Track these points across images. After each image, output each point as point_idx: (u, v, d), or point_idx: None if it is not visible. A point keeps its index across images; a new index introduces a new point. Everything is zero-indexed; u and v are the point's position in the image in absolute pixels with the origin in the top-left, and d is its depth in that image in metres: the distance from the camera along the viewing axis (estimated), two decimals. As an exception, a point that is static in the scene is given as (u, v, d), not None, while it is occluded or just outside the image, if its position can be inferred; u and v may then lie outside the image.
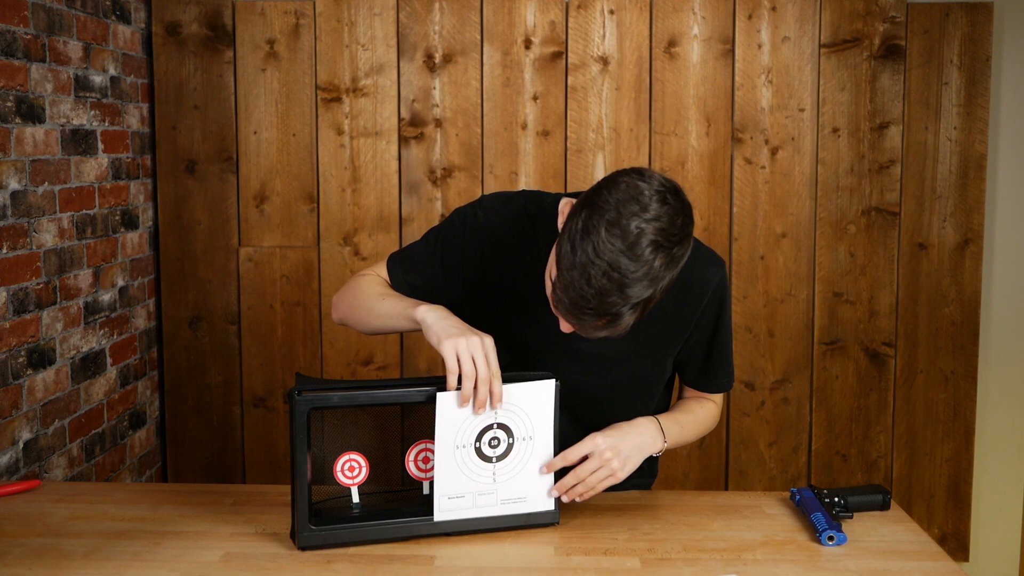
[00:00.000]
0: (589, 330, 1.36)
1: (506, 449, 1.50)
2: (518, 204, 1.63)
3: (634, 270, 1.29)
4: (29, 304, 2.35)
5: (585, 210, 1.32)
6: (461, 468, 1.48)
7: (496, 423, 1.48)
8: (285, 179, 3.04)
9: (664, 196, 1.32)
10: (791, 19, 2.98)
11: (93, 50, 2.65)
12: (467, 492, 1.50)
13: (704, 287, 1.60)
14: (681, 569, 1.42)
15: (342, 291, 1.69)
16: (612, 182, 1.34)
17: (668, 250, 1.31)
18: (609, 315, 1.32)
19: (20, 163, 2.31)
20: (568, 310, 1.34)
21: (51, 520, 1.58)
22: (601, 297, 1.30)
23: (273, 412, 3.11)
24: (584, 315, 1.32)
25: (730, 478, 3.12)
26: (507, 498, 1.52)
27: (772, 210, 3.03)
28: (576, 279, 1.30)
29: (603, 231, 1.29)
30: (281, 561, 1.43)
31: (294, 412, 1.44)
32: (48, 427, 2.44)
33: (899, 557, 1.47)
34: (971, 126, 3.01)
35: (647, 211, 1.30)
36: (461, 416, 1.46)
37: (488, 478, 1.50)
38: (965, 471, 3.12)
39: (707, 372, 1.70)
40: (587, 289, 1.29)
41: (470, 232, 1.62)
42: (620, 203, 1.30)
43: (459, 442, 1.47)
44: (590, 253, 1.29)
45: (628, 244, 1.28)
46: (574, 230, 1.31)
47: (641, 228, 1.29)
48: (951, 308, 3.07)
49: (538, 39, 2.99)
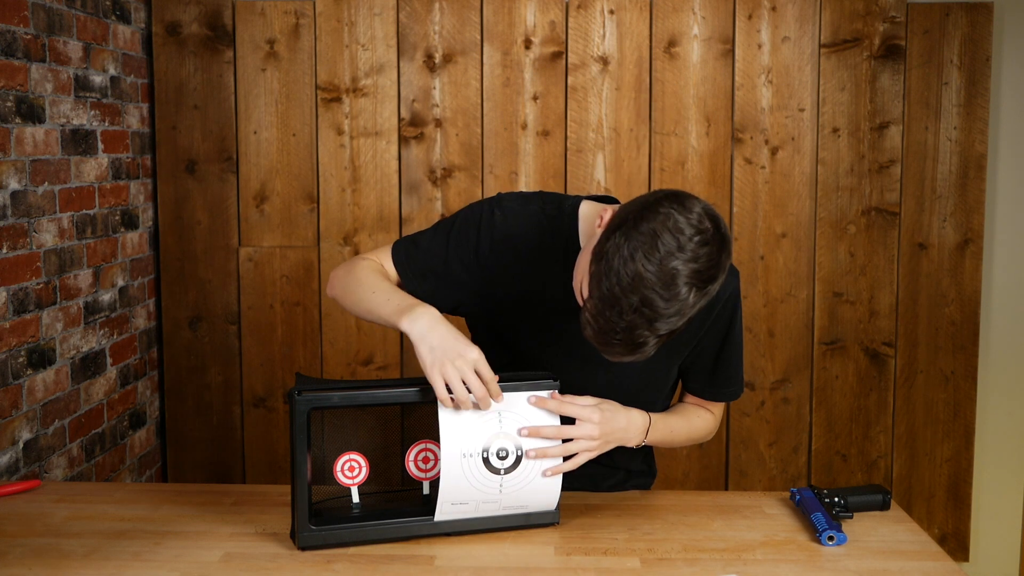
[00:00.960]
0: (613, 355, 1.36)
1: (514, 462, 1.48)
2: (536, 206, 1.61)
3: (666, 308, 1.28)
4: (29, 304, 2.35)
5: (622, 236, 1.29)
6: (467, 477, 1.47)
7: (502, 431, 1.47)
8: (285, 179, 3.04)
9: (705, 237, 1.29)
10: (791, 19, 2.98)
11: (93, 50, 2.65)
12: (471, 500, 1.49)
13: (718, 295, 1.57)
14: (681, 569, 1.42)
15: (341, 271, 1.63)
16: (652, 211, 1.30)
17: (703, 289, 1.30)
18: (636, 344, 1.32)
19: (20, 163, 2.31)
20: (595, 336, 1.34)
21: (51, 520, 1.58)
22: (630, 331, 1.30)
23: (273, 412, 3.11)
24: (611, 344, 1.33)
25: (730, 478, 3.11)
26: (510, 505, 1.51)
27: (772, 210, 3.03)
28: (607, 310, 1.29)
29: (639, 265, 1.26)
30: (281, 561, 1.43)
31: (294, 412, 1.44)
32: (48, 427, 2.44)
33: (899, 557, 1.47)
34: (971, 126, 3.01)
35: (684, 251, 1.27)
36: (466, 424, 1.45)
37: (495, 489, 1.49)
38: (965, 471, 3.12)
39: (715, 380, 1.69)
40: (617, 321, 1.29)
41: (485, 229, 1.60)
42: (658, 236, 1.27)
43: (466, 451, 1.46)
44: (625, 285, 1.27)
45: (664, 283, 1.26)
46: (610, 255, 1.29)
47: (677, 269, 1.27)
48: (951, 308, 3.07)
49: (538, 39, 2.99)
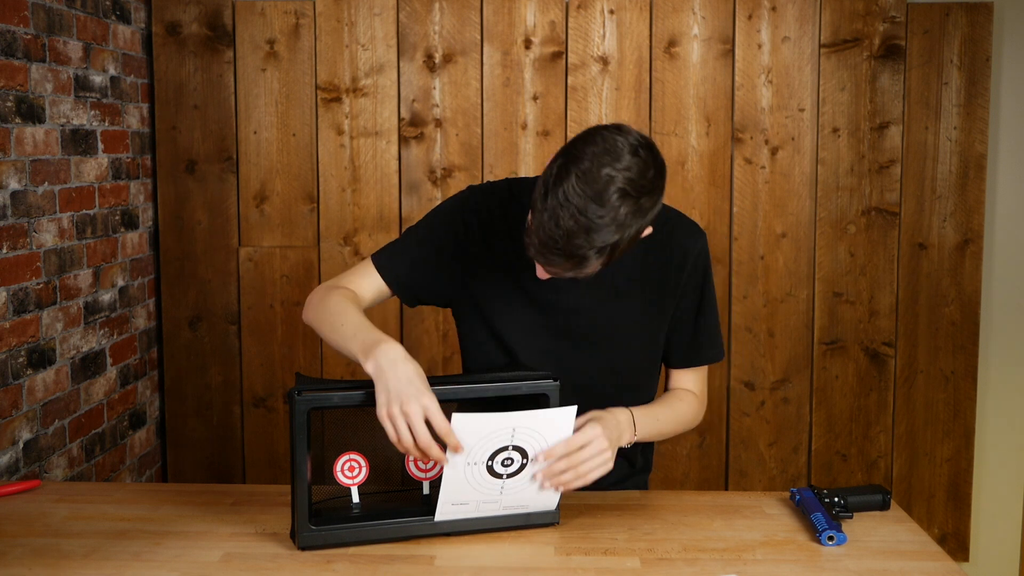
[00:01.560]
0: (558, 270, 1.41)
1: (518, 469, 1.48)
2: (504, 190, 1.68)
3: (600, 215, 1.35)
4: (29, 304, 2.35)
5: (561, 159, 1.39)
6: (469, 481, 1.47)
7: (512, 446, 1.46)
8: (285, 179, 3.04)
9: (637, 149, 1.38)
10: (791, 19, 2.98)
11: (93, 50, 2.65)
12: (471, 500, 1.49)
13: (686, 255, 1.66)
14: (681, 569, 1.42)
15: (315, 297, 1.64)
16: (590, 135, 1.40)
17: (635, 200, 1.37)
18: (576, 257, 1.37)
19: (20, 163, 2.31)
20: (538, 250, 1.39)
21: (51, 520, 1.58)
22: (568, 239, 1.35)
23: (273, 412, 3.10)
24: (552, 255, 1.38)
25: (730, 478, 3.12)
26: (510, 505, 1.51)
27: (772, 210, 3.03)
28: (546, 221, 1.36)
29: (574, 178, 1.35)
30: (281, 561, 1.43)
31: (294, 412, 1.44)
32: (48, 427, 2.44)
33: (899, 557, 1.47)
34: (971, 126, 3.01)
35: (619, 161, 1.36)
36: (476, 438, 1.44)
37: (495, 491, 1.49)
38: (965, 471, 3.12)
39: (697, 342, 1.72)
40: (555, 231, 1.35)
41: (466, 216, 1.65)
42: (594, 154, 1.37)
43: (471, 460, 1.45)
44: (560, 197, 1.35)
45: (596, 191, 1.35)
46: (549, 176, 1.38)
47: (611, 176, 1.35)
48: (951, 308, 3.07)
49: (538, 39, 2.99)
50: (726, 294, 3.05)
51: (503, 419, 1.43)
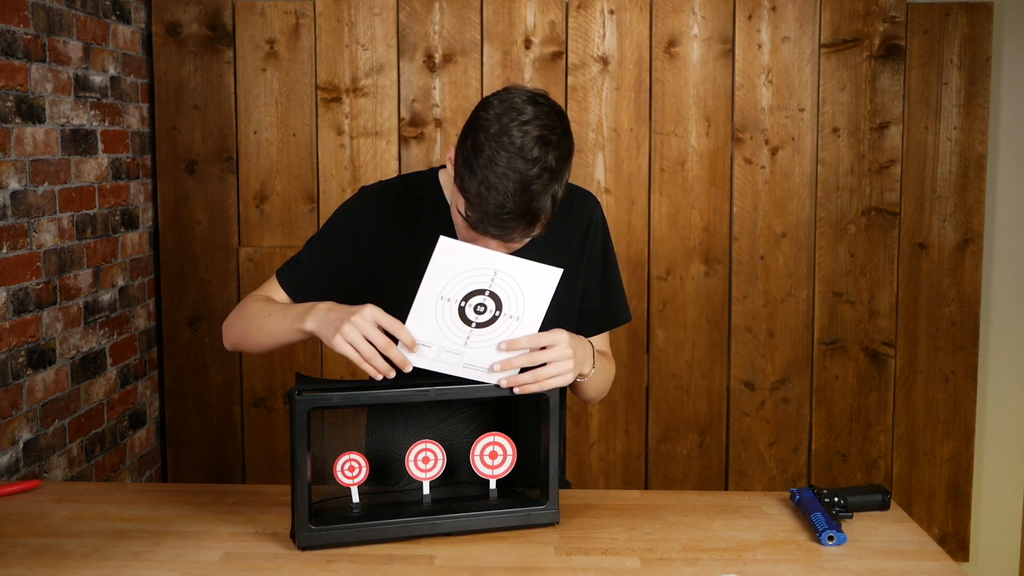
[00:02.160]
0: (514, 235, 1.44)
1: (489, 319, 1.47)
2: (397, 183, 1.70)
3: (531, 167, 1.39)
4: (29, 304, 2.35)
5: (470, 136, 1.44)
6: (437, 320, 1.45)
7: (489, 290, 1.45)
8: (285, 179, 3.04)
9: (534, 99, 1.44)
10: (791, 19, 2.98)
11: (93, 50, 2.65)
12: (434, 344, 1.47)
13: (588, 225, 1.71)
14: (681, 569, 1.42)
15: (230, 318, 1.66)
16: (484, 104, 1.46)
17: (555, 143, 1.42)
18: (528, 214, 1.41)
19: (20, 163, 2.31)
20: (491, 223, 1.42)
21: (51, 520, 1.58)
22: (514, 200, 1.39)
23: (273, 412, 3.11)
24: (505, 223, 1.41)
25: (730, 478, 3.12)
26: (469, 364, 1.49)
27: (772, 210, 3.03)
28: (485, 193, 1.40)
29: (493, 144, 1.40)
30: (281, 561, 1.43)
31: (294, 412, 1.44)
32: (48, 427, 2.44)
33: (899, 557, 1.47)
34: (971, 126, 3.01)
35: (523, 115, 1.42)
36: (455, 270, 1.43)
37: (460, 340, 1.47)
38: (965, 471, 3.12)
39: (606, 309, 1.75)
40: (497, 197, 1.39)
41: (358, 218, 1.65)
42: (498, 116, 1.42)
43: (445, 294, 1.44)
44: (488, 168, 1.39)
45: (518, 148, 1.39)
46: (466, 156, 1.43)
47: (525, 130, 1.40)
48: (951, 308, 3.07)
49: (538, 39, 2.99)
50: (726, 294, 3.06)
51: (488, 256, 1.44)
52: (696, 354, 3.07)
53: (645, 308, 3.06)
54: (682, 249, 3.04)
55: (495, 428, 1.60)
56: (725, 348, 3.08)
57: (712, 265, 3.05)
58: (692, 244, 3.04)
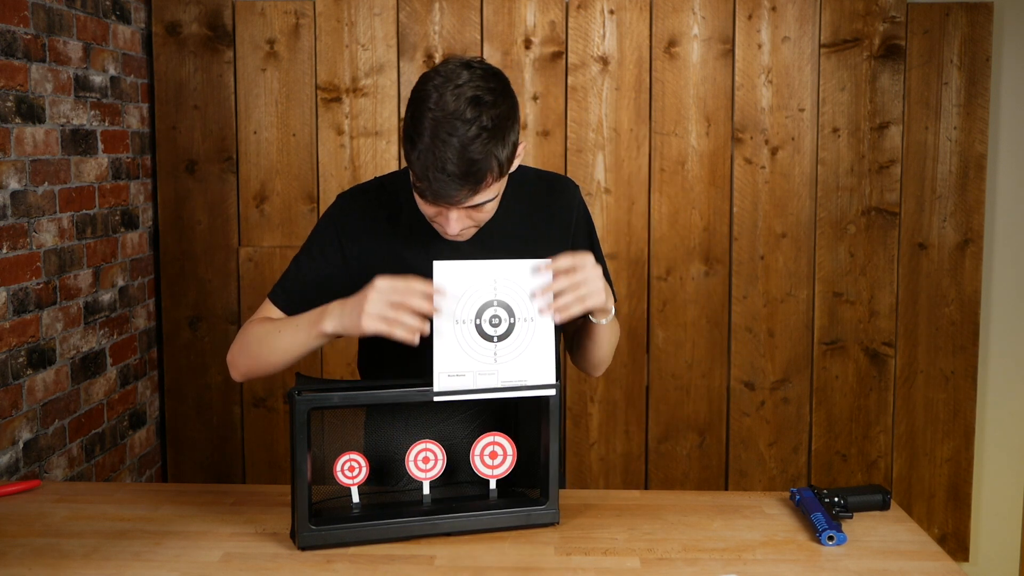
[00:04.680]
0: (461, 197, 1.44)
1: (507, 329, 1.49)
2: (374, 185, 1.70)
3: (468, 128, 1.40)
4: (29, 304, 2.35)
5: (409, 110, 1.46)
6: (462, 345, 1.47)
7: (496, 300, 1.48)
8: (285, 179, 3.04)
9: (468, 64, 1.47)
10: (791, 19, 2.98)
11: (93, 50, 2.65)
12: (468, 371, 1.48)
13: (569, 211, 1.70)
14: (681, 569, 1.42)
15: (234, 348, 1.66)
16: (424, 78, 1.48)
17: (491, 103, 1.43)
18: (472, 174, 1.41)
19: (20, 163, 2.31)
20: (435, 186, 1.42)
21: (51, 520, 1.58)
22: (453, 161, 1.40)
23: (273, 412, 3.11)
24: (447, 185, 1.42)
25: (730, 478, 3.12)
26: (508, 379, 1.50)
27: (772, 210, 3.03)
28: (427, 158, 1.41)
29: (429, 113, 1.42)
30: (281, 561, 1.43)
31: (294, 412, 1.44)
32: (48, 427, 2.44)
33: (899, 557, 1.47)
34: (971, 126, 3.01)
35: (458, 79, 1.44)
36: (459, 289, 1.46)
37: (489, 357, 1.49)
38: (965, 471, 3.12)
39: None
40: (437, 163, 1.40)
41: (340, 224, 1.65)
42: (435, 86, 1.44)
43: (458, 317, 1.46)
44: (429, 134, 1.41)
45: (451, 111, 1.41)
46: (408, 128, 1.45)
47: (457, 94, 1.42)
48: (951, 308, 3.07)
49: (538, 39, 2.99)
50: (726, 294, 3.06)
51: (483, 267, 1.47)
52: (696, 354, 3.07)
53: (645, 308, 3.06)
54: (682, 249, 3.04)
55: (495, 428, 1.60)
56: (725, 348, 3.08)
57: (712, 265, 3.05)
58: (692, 244, 3.04)
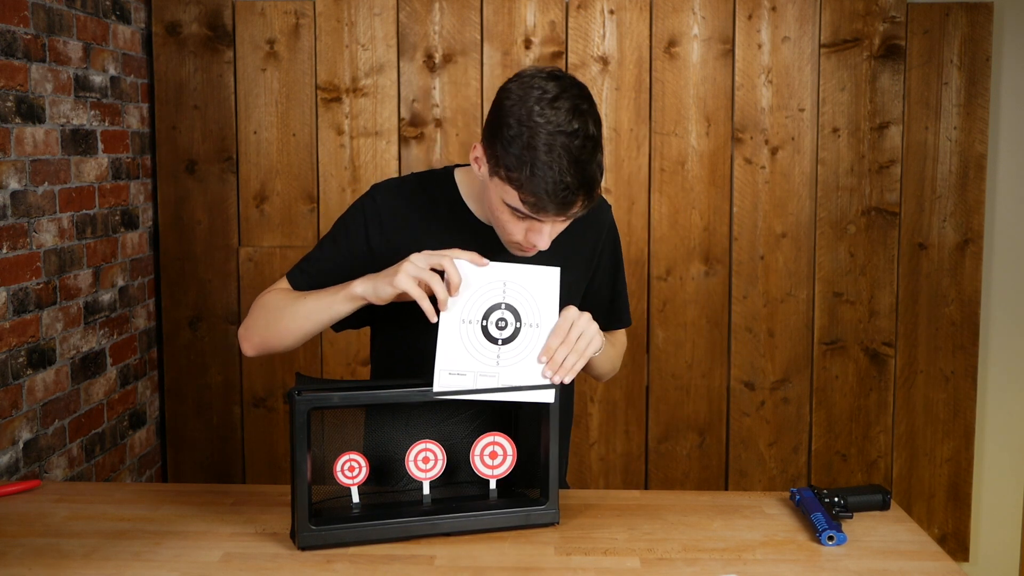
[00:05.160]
0: (575, 208, 1.44)
1: (513, 333, 1.49)
2: (412, 180, 1.68)
3: (575, 139, 1.40)
4: (29, 304, 2.35)
5: (503, 127, 1.42)
6: (465, 344, 1.47)
7: (504, 303, 1.48)
8: (285, 179, 3.04)
9: (553, 75, 1.44)
10: (791, 19, 2.98)
11: (93, 50, 2.65)
12: (469, 371, 1.48)
13: (600, 228, 1.72)
14: (681, 569, 1.42)
15: (249, 321, 1.63)
16: (505, 92, 1.45)
17: (587, 111, 1.43)
18: (583, 184, 1.41)
19: (20, 163, 2.31)
20: (550, 202, 1.41)
21: (51, 520, 1.58)
22: (569, 173, 1.39)
23: (273, 412, 3.11)
24: (565, 198, 1.41)
25: (730, 478, 3.12)
26: (509, 384, 1.50)
27: (772, 210, 3.03)
28: (538, 175, 1.39)
29: (529, 128, 1.39)
30: (281, 561, 1.43)
31: (294, 412, 1.44)
32: (48, 427, 2.44)
33: (899, 557, 1.47)
34: (971, 126, 3.01)
35: (548, 92, 1.41)
36: (469, 288, 1.47)
37: (492, 360, 1.49)
38: (965, 471, 3.12)
39: (613, 310, 1.78)
40: (553, 175, 1.39)
41: (370, 215, 1.64)
42: (523, 100, 1.42)
43: (465, 316, 1.47)
44: (533, 150, 1.39)
45: (556, 125, 1.39)
46: (506, 145, 1.41)
47: (557, 107, 1.40)
48: (951, 308, 3.07)
49: (538, 39, 2.99)
50: (726, 294, 3.05)
51: (493, 269, 1.48)
52: (696, 354, 3.07)
53: (645, 308, 3.06)
54: (682, 249, 3.04)
55: (495, 428, 1.60)
56: (725, 348, 3.08)
57: (712, 265, 3.05)
58: (692, 244, 3.04)
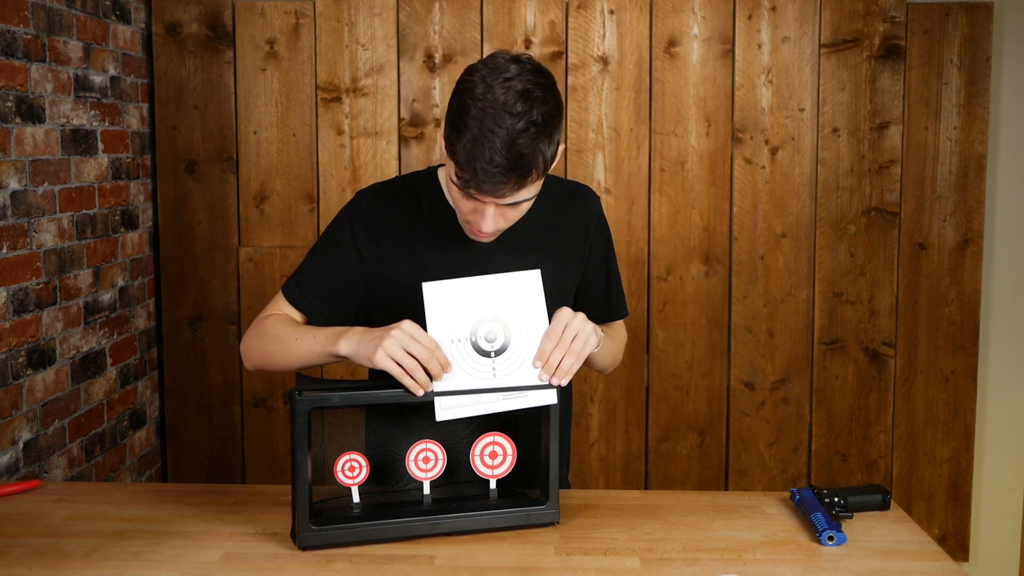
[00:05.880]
0: (505, 190, 1.43)
1: (504, 343, 1.48)
2: (395, 184, 1.69)
3: (517, 121, 1.40)
4: (29, 304, 2.35)
5: (456, 100, 1.45)
6: (459, 363, 1.46)
7: (490, 315, 1.47)
8: (285, 179, 3.04)
9: (517, 58, 1.46)
10: (791, 19, 2.98)
11: (93, 50, 2.65)
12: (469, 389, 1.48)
13: (588, 219, 1.72)
14: (681, 569, 1.42)
15: (250, 339, 1.65)
16: (468, 69, 1.48)
17: (540, 99, 1.42)
18: (516, 168, 1.40)
19: (20, 163, 2.31)
20: (480, 180, 1.41)
21: (51, 520, 1.58)
22: (501, 152, 1.39)
23: (273, 412, 3.11)
24: (493, 176, 1.40)
25: (730, 478, 3.12)
26: (509, 393, 1.49)
27: (772, 210, 3.03)
28: (473, 150, 1.40)
29: (478, 103, 1.41)
30: (281, 561, 1.43)
31: (294, 412, 1.44)
32: (48, 427, 2.44)
33: (899, 557, 1.47)
34: (971, 126, 3.01)
35: (507, 72, 1.43)
36: (451, 307, 1.46)
37: (488, 373, 1.48)
38: (965, 471, 3.12)
39: (609, 301, 1.78)
40: (485, 152, 1.39)
41: (357, 223, 1.64)
42: (483, 77, 1.44)
43: (453, 336, 1.46)
44: (475, 125, 1.40)
45: (502, 104, 1.40)
46: (454, 117, 1.44)
47: (507, 87, 1.41)
48: (951, 308, 3.07)
49: (538, 39, 2.99)
50: (726, 294, 3.05)
51: (473, 283, 1.47)
52: (696, 354, 3.08)
53: (645, 308, 3.06)
54: (682, 249, 3.04)
55: (495, 428, 1.60)
56: (725, 348, 3.08)
57: (712, 265, 3.05)
58: (692, 244, 3.04)
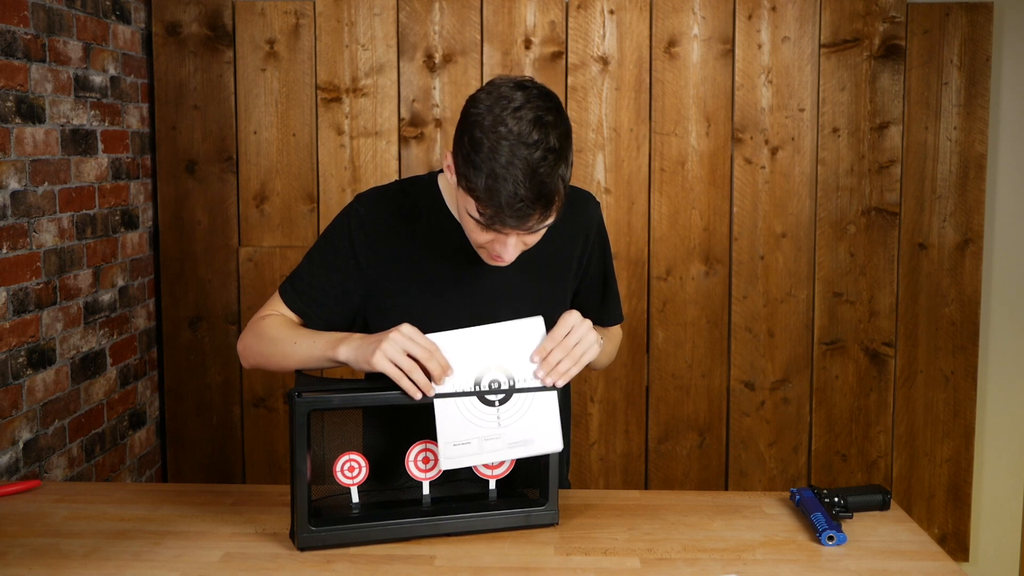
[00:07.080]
0: (532, 222, 1.42)
1: (508, 392, 1.48)
2: (395, 189, 1.68)
3: (535, 151, 1.38)
4: (29, 304, 2.35)
5: (465, 135, 1.42)
6: (463, 414, 1.46)
7: (493, 364, 1.47)
8: (285, 179, 3.04)
9: (521, 84, 1.44)
10: (791, 19, 2.98)
11: (93, 50, 2.65)
12: (473, 438, 1.47)
13: (588, 226, 1.71)
14: (681, 569, 1.42)
15: (247, 338, 1.64)
16: (472, 100, 1.45)
17: (552, 123, 1.41)
18: (541, 198, 1.40)
19: (20, 163, 2.31)
20: (505, 215, 1.40)
21: (51, 520, 1.58)
22: (524, 185, 1.38)
23: (273, 412, 3.11)
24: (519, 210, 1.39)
25: (730, 478, 3.12)
26: (514, 441, 1.49)
27: (772, 210, 3.03)
28: (494, 186, 1.38)
29: (490, 136, 1.39)
30: (281, 561, 1.43)
31: (294, 413, 1.44)
32: (48, 427, 2.44)
33: (899, 557, 1.47)
34: (971, 126, 3.01)
35: (514, 101, 1.41)
36: (455, 359, 1.45)
37: (493, 423, 1.48)
38: (965, 471, 3.12)
39: (605, 306, 1.78)
40: (508, 187, 1.38)
41: (355, 228, 1.63)
42: (489, 108, 1.41)
43: (457, 387, 1.46)
44: (492, 160, 1.38)
45: (516, 135, 1.38)
46: (467, 154, 1.41)
47: (519, 116, 1.39)
48: (951, 308, 3.07)
49: (538, 39, 2.99)
50: (726, 294, 3.05)
51: (476, 333, 1.47)
52: (696, 354, 3.07)
53: (645, 308, 3.06)
54: (682, 249, 3.04)
55: (495, 428, 1.60)
56: (725, 348, 3.08)
57: (712, 265, 3.05)
58: (692, 244, 3.04)
